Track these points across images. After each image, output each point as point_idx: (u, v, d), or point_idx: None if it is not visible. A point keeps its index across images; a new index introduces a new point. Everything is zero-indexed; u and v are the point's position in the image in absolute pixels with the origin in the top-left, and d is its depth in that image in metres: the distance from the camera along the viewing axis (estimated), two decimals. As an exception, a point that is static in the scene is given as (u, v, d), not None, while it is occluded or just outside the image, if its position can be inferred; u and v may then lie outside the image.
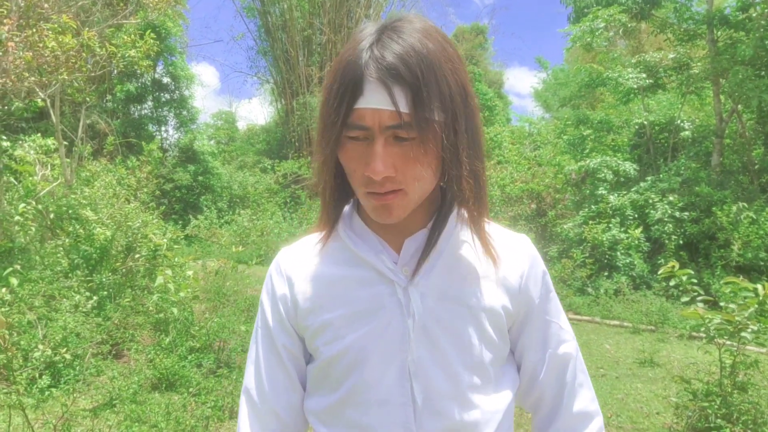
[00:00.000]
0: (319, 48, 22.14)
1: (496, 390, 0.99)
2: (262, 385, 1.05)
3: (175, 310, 5.08)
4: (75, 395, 4.06)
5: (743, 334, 3.79)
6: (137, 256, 5.93)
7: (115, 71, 14.26)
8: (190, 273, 5.57)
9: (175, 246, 6.48)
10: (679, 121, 12.33)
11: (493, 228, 1.05)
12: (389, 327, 0.95)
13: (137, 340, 5.09)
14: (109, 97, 16.83)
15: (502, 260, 1.00)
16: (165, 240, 5.97)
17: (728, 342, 3.98)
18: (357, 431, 0.96)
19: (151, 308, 5.29)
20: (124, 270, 6.04)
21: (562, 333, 1.06)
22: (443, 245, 0.98)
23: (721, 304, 4.01)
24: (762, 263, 8.98)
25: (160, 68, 17.46)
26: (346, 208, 1.04)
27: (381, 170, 0.83)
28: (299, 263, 1.05)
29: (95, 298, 5.26)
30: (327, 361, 0.98)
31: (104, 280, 5.61)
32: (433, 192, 0.96)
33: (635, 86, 12.00)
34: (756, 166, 10.94)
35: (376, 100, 0.81)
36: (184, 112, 18.16)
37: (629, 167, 11.40)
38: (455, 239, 0.99)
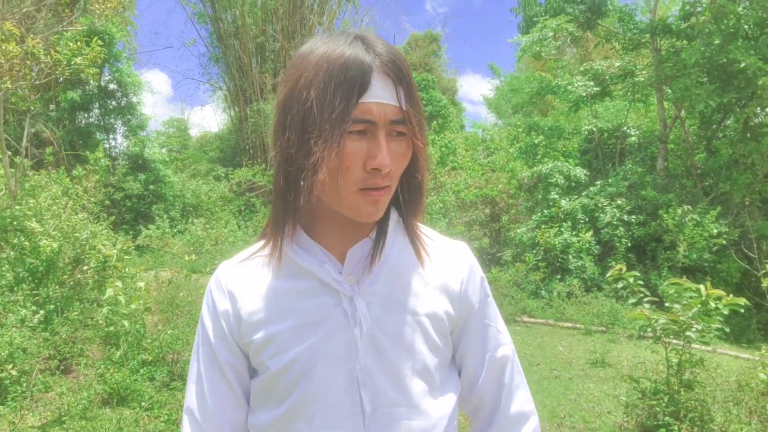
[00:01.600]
0: (272, 55, 22.01)
1: (441, 394, 1.01)
2: (205, 403, 1.02)
3: (126, 323, 4.96)
4: (23, 412, 3.94)
5: (688, 333, 3.91)
6: (86, 267, 5.78)
7: (60, 79, 13.91)
8: (141, 284, 5.44)
9: (126, 257, 6.33)
10: (625, 128, 12.70)
11: (430, 233, 1.08)
12: (335, 337, 0.95)
13: (86, 354, 4.97)
14: (53, 105, 16.38)
15: (442, 266, 1.03)
16: (115, 251, 5.83)
17: (674, 341, 4.11)
18: None
19: (100, 321, 5.15)
20: (71, 283, 5.88)
21: (500, 336, 1.09)
22: (386, 253, 0.99)
23: (666, 304, 4.13)
24: (706, 264, 9.30)
25: (106, 75, 17.08)
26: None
27: (388, 162, 0.86)
28: (241, 277, 1.03)
29: (42, 312, 5.11)
30: (273, 374, 0.97)
31: (51, 293, 5.45)
32: None
33: (584, 94, 12.30)
34: (699, 170, 11.33)
35: (382, 95, 0.86)
36: (133, 120, 17.76)
37: (579, 172, 11.68)
38: (397, 247, 1.01)
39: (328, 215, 0.98)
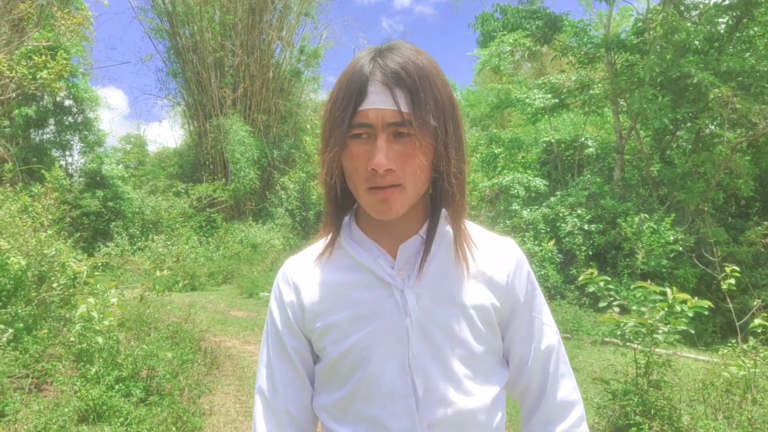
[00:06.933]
0: (231, 70, 21.91)
1: (487, 381, 1.09)
2: (274, 385, 1.14)
3: (100, 339, 4.89)
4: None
5: (655, 335, 4.08)
6: (54, 284, 5.67)
7: (13, 94, 13.60)
8: (114, 300, 5.37)
9: (96, 273, 6.24)
10: (583, 139, 13.05)
11: (477, 230, 1.17)
12: (389, 326, 1.04)
13: (60, 371, 4.88)
14: (6, 121, 15.94)
15: (489, 261, 1.11)
16: (85, 267, 5.74)
17: (636, 346, 4.27)
18: (365, 422, 1.05)
19: (72, 338, 5.07)
20: (37, 301, 5.75)
21: (545, 328, 1.16)
22: (435, 249, 1.08)
23: (633, 308, 4.29)
24: (663, 270, 9.61)
25: (62, 91, 16.74)
26: (346, 218, 1.13)
27: (384, 163, 0.94)
28: (305, 271, 1.14)
29: (11, 330, 5.00)
30: (334, 359, 1.07)
31: (19, 311, 5.34)
32: (423, 199, 1.08)
33: (542, 106, 12.60)
34: (654, 180, 11.72)
35: (379, 101, 0.95)
36: (90, 136, 17.42)
37: (539, 183, 11.93)
38: (446, 243, 1.10)
39: None
